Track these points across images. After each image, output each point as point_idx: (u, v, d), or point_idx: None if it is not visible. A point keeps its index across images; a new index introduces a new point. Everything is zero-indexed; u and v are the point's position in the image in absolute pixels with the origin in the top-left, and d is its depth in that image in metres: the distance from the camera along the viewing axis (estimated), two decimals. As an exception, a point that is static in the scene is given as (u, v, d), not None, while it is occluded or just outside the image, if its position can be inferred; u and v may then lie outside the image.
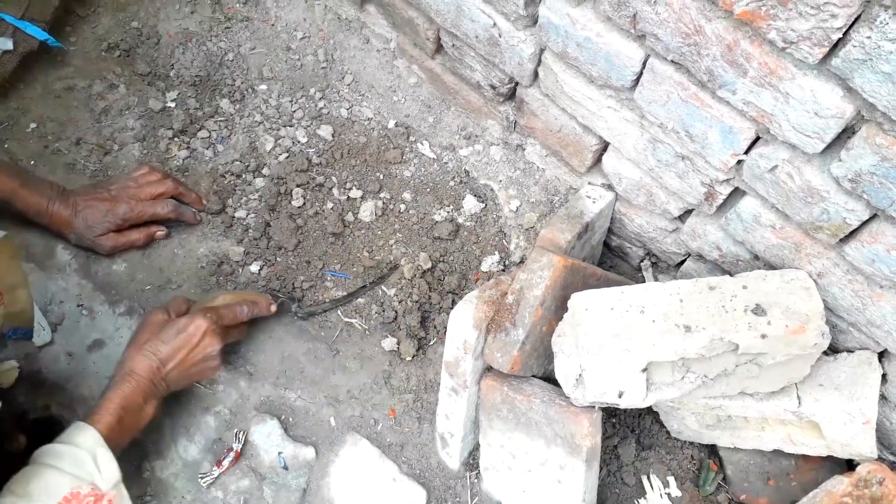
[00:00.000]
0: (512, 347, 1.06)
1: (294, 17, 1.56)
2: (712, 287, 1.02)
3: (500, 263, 1.38)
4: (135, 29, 1.55)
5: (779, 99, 0.84)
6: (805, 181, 0.91)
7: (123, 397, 1.08)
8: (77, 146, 1.44)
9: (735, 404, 1.11)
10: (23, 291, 1.10)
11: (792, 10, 0.74)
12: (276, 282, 1.36)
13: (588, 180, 1.31)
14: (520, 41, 1.14)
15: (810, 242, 1.00)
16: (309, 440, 1.24)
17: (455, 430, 1.19)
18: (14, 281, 1.08)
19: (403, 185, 1.45)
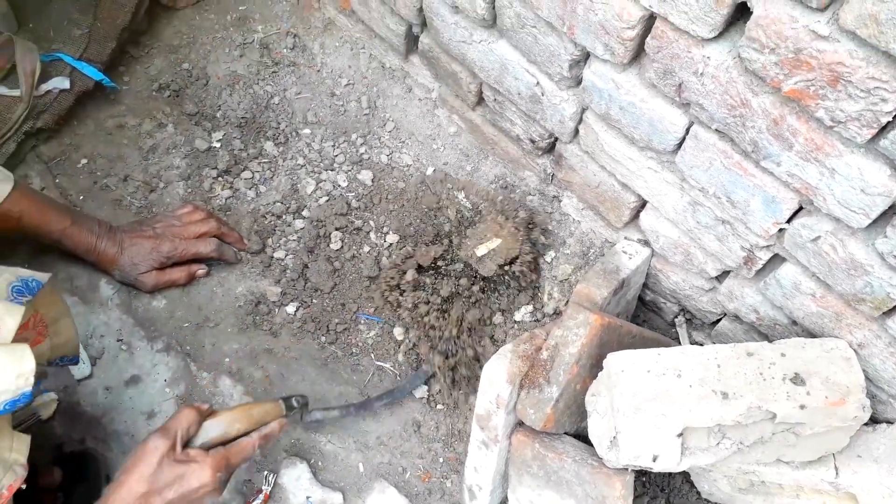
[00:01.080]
0: (545, 405, 1.06)
1: (339, 63, 1.60)
2: (750, 353, 1.02)
3: (532, 314, 1.38)
4: (185, 70, 1.60)
5: (824, 174, 0.85)
6: (849, 254, 0.91)
7: None
8: (124, 182, 1.48)
9: (770, 471, 1.09)
10: (66, 321, 1.11)
11: (841, 92, 0.75)
12: (311, 323, 1.38)
13: (624, 235, 1.31)
14: (562, 100, 1.16)
15: (852, 313, 0.99)
16: (337, 485, 1.25)
17: (484, 484, 1.18)
18: (57, 313, 1.10)
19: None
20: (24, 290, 1.00)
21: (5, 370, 0.84)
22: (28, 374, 0.86)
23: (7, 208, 1.19)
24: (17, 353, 0.86)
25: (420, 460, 1.28)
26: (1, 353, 0.85)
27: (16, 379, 0.85)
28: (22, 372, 0.85)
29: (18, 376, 0.85)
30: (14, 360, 0.85)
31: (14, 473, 0.88)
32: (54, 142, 1.49)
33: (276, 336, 1.37)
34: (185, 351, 1.33)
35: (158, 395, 1.28)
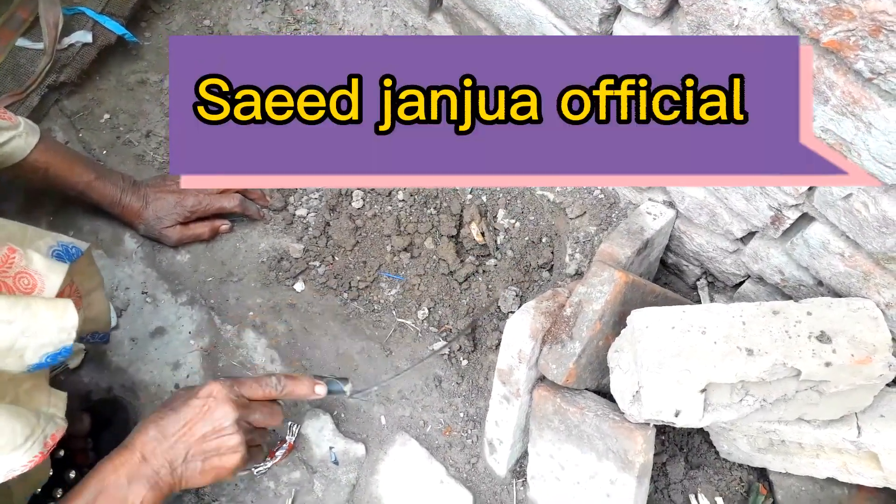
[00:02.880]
0: (568, 360, 1.07)
1: (361, 21, 1.58)
2: (776, 311, 1.02)
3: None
4: (206, 27, 1.60)
5: (860, 128, 0.84)
6: (881, 211, 0.90)
7: (101, 476, 0.91)
8: (147, 138, 1.48)
9: (790, 430, 1.10)
10: (98, 294, 1.13)
11: (883, 42, 0.74)
12: (334, 280, 1.39)
13: (649, 196, 1.31)
14: (591, 56, 1.15)
15: (881, 272, 0.99)
16: (359, 437, 1.27)
17: (504, 438, 1.20)
18: (91, 285, 1.11)
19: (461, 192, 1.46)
20: (64, 256, 1.01)
21: (49, 324, 0.85)
22: (70, 329, 0.87)
23: (34, 159, 1.19)
24: (61, 308, 0.87)
25: (441, 414, 1.29)
26: (45, 307, 0.86)
27: (58, 333, 0.86)
28: (64, 326, 0.87)
29: (61, 330, 0.86)
30: (57, 315, 0.86)
31: (55, 424, 0.90)
32: (77, 96, 1.50)
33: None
34: (209, 304, 1.34)
35: (183, 346, 1.30)
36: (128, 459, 0.92)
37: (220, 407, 0.96)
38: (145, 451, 0.93)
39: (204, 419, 0.95)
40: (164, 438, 0.94)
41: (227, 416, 0.96)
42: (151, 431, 0.94)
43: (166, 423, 0.95)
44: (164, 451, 0.93)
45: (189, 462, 0.95)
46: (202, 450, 0.95)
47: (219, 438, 0.96)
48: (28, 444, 0.83)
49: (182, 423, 0.95)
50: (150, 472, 0.92)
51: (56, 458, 1.11)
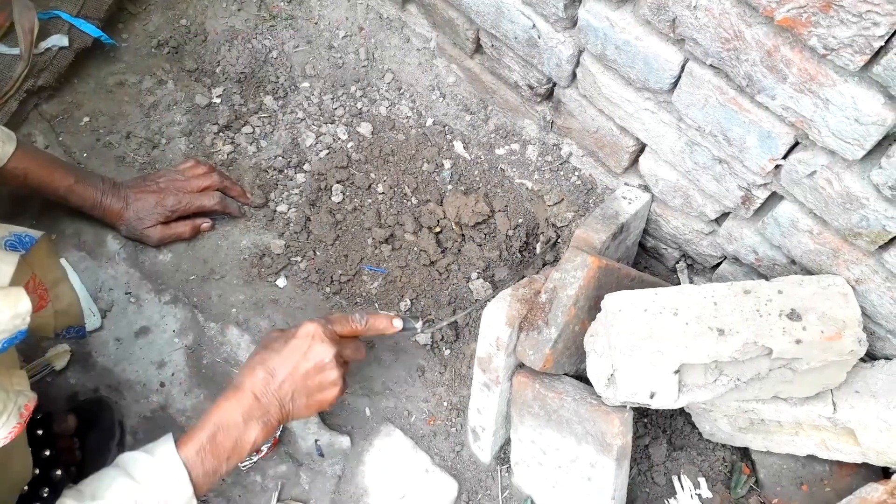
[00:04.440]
0: (544, 346, 1.07)
1: (337, 15, 1.59)
2: (747, 291, 1.02)
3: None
4: (183, 27, 1.60)
5: (818, 105, 0.84)
6: (844, 187, 0.90)
7: (219, 413, 0.98)
8: (127, 140, 1.49)
9: (768, 408, 1.11)
10: (65, 286, 1.13)
11: (833, 18, 0.74)
12: (316, 274, 1.40)
13: (624, 181, 1.31)
14: (559, 43, 1.15)
15: (849, 248, 0.99)
16: (345, 429, 1.28)
17: (486, 425, 1.21)
18: (55, 277, 1.11)
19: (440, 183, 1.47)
20: (17, 245, 1.02)
21: (2, 311, 0.85)
22: (24, 315, 0.87)
23: (11, 166, 1.20)
24: (13, 296, 0.87)
25: (425, 404, 1.30)
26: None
27: (12, 319, 0.86)
28: (18, 313, 0.86)
29: (15, 317, 0.86)
30: (10, 303, 0.86)
31: (26, 396, 0.91)
32: (56, 100, 1.50)
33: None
34: (193, 302, 1.35)
35: (167, 345, 1.31)
36: (242, 399, 0.98)
37: (320, 345, 1.03)
38: (256, 391, 0.99)
39: (306, 357, 1.03)
40: (273, 378, 1.00)
41: (327, 353, 1.03)
42: (260, 373, 1.00)
43: (273, 364, 1.01)
44: (273, 390, 1.00)
45: (296, 399, 1.03)
46: (306, 386, 1.03)
47: (321, 374, 1.04)
48: (3, 417, 0.86)
49: (288, 363, 1.01)
50: (262, 411, 0.99)
51: (43, 458, 1.12)
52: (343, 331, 1.09)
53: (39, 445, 1.12)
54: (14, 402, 0.88)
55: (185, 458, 0.94)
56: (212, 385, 1.28)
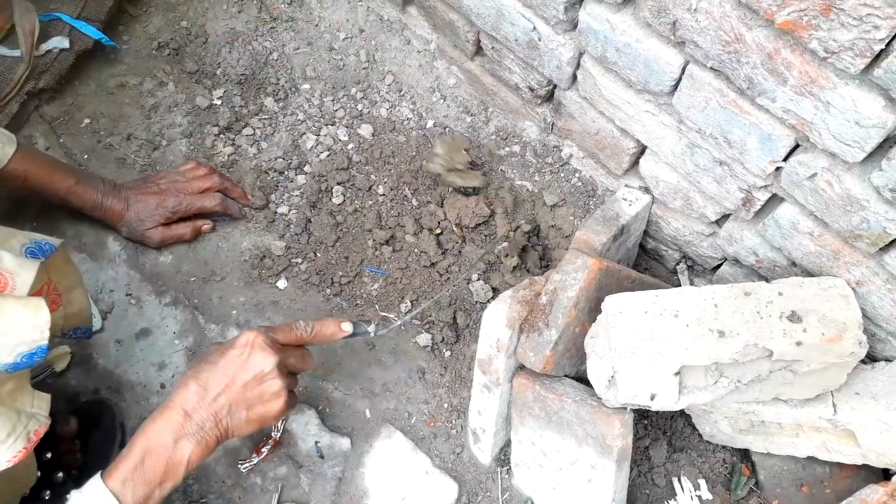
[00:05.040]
0: (545, 347, 1.07)
1: (337, 17, 1.59)
2: (748, 293, 1.02)
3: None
4: (184, 28, 1.60)
5: (819, 108, 0.84)
6: (845, 190, 0.91)
7: (145, 436, 0.91)
8: (128, 141, 1.49)
9: (769, 410, 1.11)
10: (78, 291, 1.14)
11: (834, 21, 0.74)
12: (316, 276, 1.40)
13: (625, 182, 1.31)
14: (559, 45, 1.15)
15: (849, 251, 0.99)
16: (345, 431, 1.28)
17: (487, 427, 1.21)
18: (70, 283, 1.12)
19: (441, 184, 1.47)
20: (38, 253, 1.02)
21: (21, 322, 0.86)
22: (43, 327, 0.87)
23: (12, 168, 1.20)
24: (33, 306, 0.88)
25: (425, 405, 1.31)
26: (17, 305, 0.87)
27: (32, 331, 0.87)
28: (37, 324, 0.87)
29: (34, 328, 0.87)
30: (29, 313, 0.87)
31: (38, 421, 0.91)
32: (57, 102, 1.50)
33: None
34: (193, 304, 1.35)
35: (168, 346, 1.31)
36: (171, 418, 0.91)
37: (260, 353, 0.96)
38: (187, 407, 0.92)
39: (245, 367, 0.95)
40: (206, 392, 0.93)
41: (267, 362, 0.96)
42: (192, 387, 0.93)
43: (207, 377, 0.94)
44: (207, 405, 0.93)
45: (234, 413, 0.95)
46: (245, 398, 0.95)
47: (261, 385, 0.96)
48: (10, 440, 0.86)
49: (223, 375, 0.94)
50: (194, 428, 0.92)
51: (44, 461, 1.12)
52: (286, 339, 1.02)
53: (40, 448, 1.12)
54: (25, 425, 0.88)
55: (113, 489, 0.87)
56: (212, 387, 1.28)
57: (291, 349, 1.03)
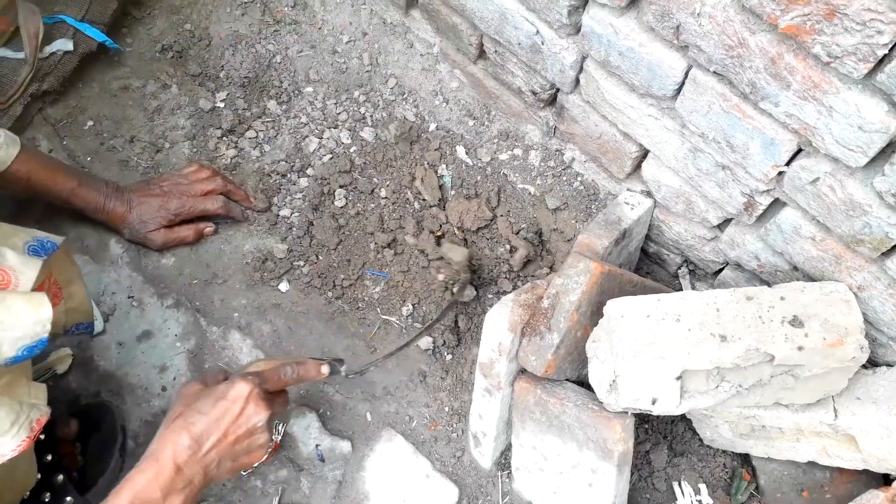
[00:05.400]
0: (546, 351, 1.07)
1: (340, 20, 1.59)
2: (749, 297, 1.03)
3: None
4: (187, 31, 1.61)
5: (822, 112, 0.84)
6: (847, 194, 0.91)
7: (135, 490, 0.87)
8: (131, 144, 1.49)
9: (770, 414, 1.11)
10: (78, 286, 1.14)
11: (837, 26, 0.75)
12: (318, 279, 1.40)
13: (627, 186, 1.31)
14: (562, 49, 1.15)
15: (851, 255, 0.99)
16: (345, 434, 1.28)
17: (488, 430, 1.21)
18: (70, 277, 1.12)
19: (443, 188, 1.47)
20: (40, 250, 1.03)
21: (24, 317, 0.87)
22: (45, 321, 0.88)
23: (15, 169, 1.21)
24: (36, 301, 0.88)
25: (426, 409, 1.30)
26: (21, 301, 0.88)
27: (34, 325, 0.87)
28: (39, 318, 0.88)
29: (36, 322, 0.88)
30: (33, 308, 0.88)
31: (39, 410, 0.92)
32: (60, 104, 1.51)
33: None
34: (195, 307, 1.35)
35: (169, 349, 1.31)
36: (161, 472, 0.89)
37: (254, 408, 0.96)
38: (179, 461, 0.90)
39: (237, 422, 0.95)
40: (199, 447, 0.92)
41: (260, 417, 0.97)
42: (184, 440, 0.91)
43: (200, 431, 0.92)
44: (198, 459, 0.92)
45: (221, 464, 0.95)
46: (234, 452, 0.96)
47: (251, 438, 0.97)
48: (14, 429, 0.86)
49: (216, 429, 0.93)
50: (184, 483, 0.90)
51: (44, 463, 1.12)
52: (275, 388, 1.03)
53: (41, 450, 1.12)
54: (27, 415, 0.88)
55: None
56: (214, 389, 1.28)
57: (276, 395, 1.04)
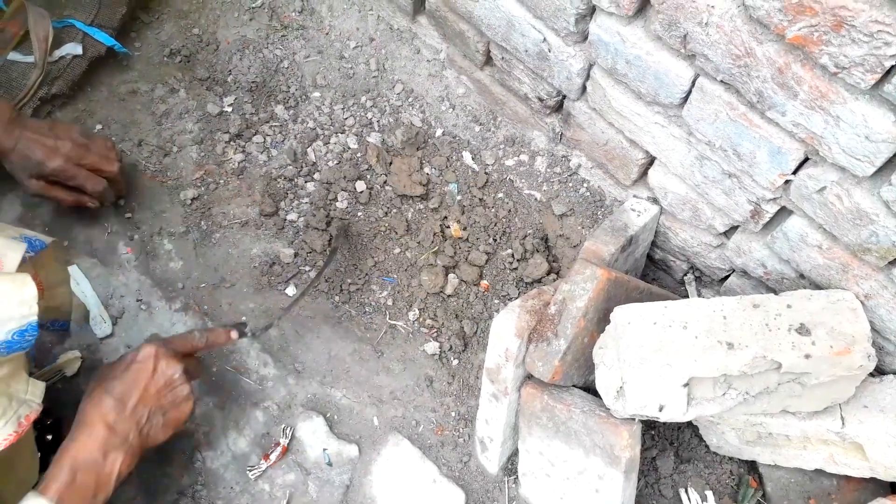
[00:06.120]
0: (553, 357, 1.08)
1: (348, 26, 1.60)
2: (756, 305, 1.03)
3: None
4: (195, 36, 1.61)
5: (829, 122, 0.85)
6: (854, 203, 0.91)
7: (73, 455, 0.92)
8: (139, 147, 1.50)
9: (776, 422, 1.11)
10: (63, 290, 1.13)
11: (845, 37, 0.75)
12: (325, 283, 1.40)
13: (633, 193, 1.32)
14: (569, 56, 1.16)
15: (858, 264, 1.00)
16: (353, 438, 1.28)
17: (494, 436, 1.21)
18: (57, 280, 1.12)
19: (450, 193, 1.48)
20: (28, 248, 1.02)
21: (8, 297, 0.87)
22: (31, 301, 0.88)
23: None
24: (19, 281, 0.89)
25: (433, 414, 1.31)
26: (6, 280, 0.88)
27: (19, 306, 0.88)
28: (24, 298, 0.88)
29: (21, 303, 0.88)
30: (16, 288, 0.88)
31: (29, 406, 0.92)
32: (69, 108, 1.52)
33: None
34: (203, 310, 1.36)
35: (177, 353, 1.32)
36: (94, 434, 0.94)
37: (166, 362, 1.02)
38: (108, 421, 0.95)
39: (154, 377, 1.01)
40: (124, 405, 0.97)
41: (174, 369, 1.02)
42: (107, 401, 0.96)
43: (121, 390, 0.98)
44: (127, 416, 0.97)
45: (152, 419, 1.00)
46: (160, 405, 1.02)
47: (172, 391, 1.03)
48: (0, 423, 0.87)
49: (135, 386, 0.99)
50: (120, 440, 0.95)
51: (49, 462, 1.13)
52: (183, 349, 1.08)
53: (49, 451, 1.13)
54: (15, 410, 0.89)
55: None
56: (221, 393, 1.29)
57: (188, 358, 1.09)
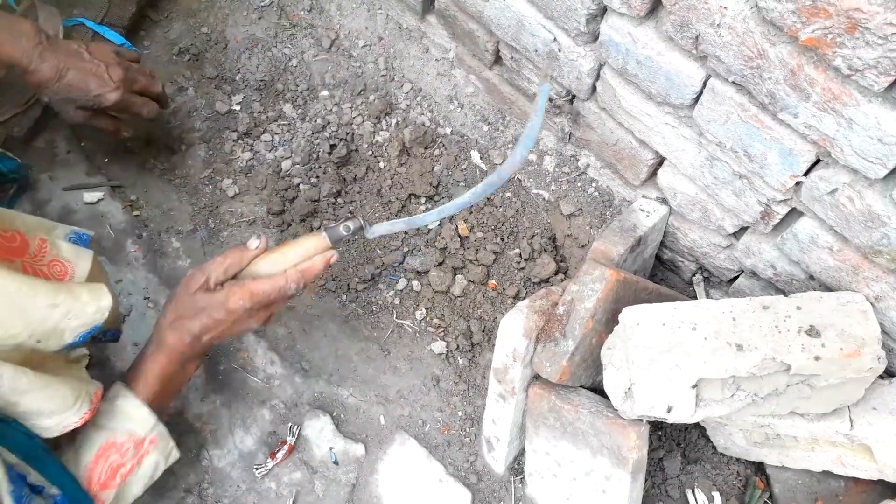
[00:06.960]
0: (561, 358, 1.08)
1: (356, 25, 1.60)
2: (766, 307, 1.03)
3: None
4: (204, 34, 1.62)
5: (841, 124, 0.84)
6: (866, 206, 0.91)
7: (161, 368, 1.04)
8: (148, 146, 1.51)
9: (785, 423, 1.11)
10: (115, 301, 1.16)
11: (859, 39, 0.75)
12: (333, 282, 1.40)
13: (642, 193, 1.31)
14: (579, 56, 1.16)
15: (869, 266, 0.99)
16: (359, 437, 1.28)
17: (501, 435, 1.21)
18: (102, 278, 1.14)
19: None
20: (79, 241, 1.11)
21: (88, 306, 0.95)
22: (105, 310, 0.96)
23: None
24: (97, 291, 0.97)
25: (439, 413, 1.31)
26: (85, 291, 0.96)
27: (94, 314, 0.96)
28: (100, 307, 0.96)
29: (97, 311, 0.96)
30: (94, 297, 0.96)
31: (94, 384, 0.98)
32: (79, 106, 1.52)
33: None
34: (210, 309, 1.36)
35: (185, 350, 1.32)
36: (174, 355, 1.04)
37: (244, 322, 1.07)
38: (185, 349, 1.05)
39: (231, 328, 1.06)
40: (197, 340, 1.04)
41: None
42: (184, 335, 1.04)
43: (196, 330, 1.04)
44: (201, 344, 1.05)
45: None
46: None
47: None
48: (78, 404, 0.93)
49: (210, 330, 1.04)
50: (192, 354, 1.06)
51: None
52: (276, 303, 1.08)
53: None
54: (87, 390, 0.95)
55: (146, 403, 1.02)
56: (228, 391, 1.29)
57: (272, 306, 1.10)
